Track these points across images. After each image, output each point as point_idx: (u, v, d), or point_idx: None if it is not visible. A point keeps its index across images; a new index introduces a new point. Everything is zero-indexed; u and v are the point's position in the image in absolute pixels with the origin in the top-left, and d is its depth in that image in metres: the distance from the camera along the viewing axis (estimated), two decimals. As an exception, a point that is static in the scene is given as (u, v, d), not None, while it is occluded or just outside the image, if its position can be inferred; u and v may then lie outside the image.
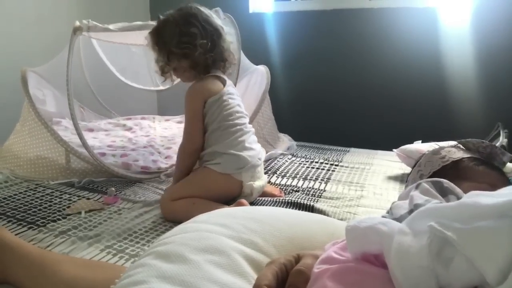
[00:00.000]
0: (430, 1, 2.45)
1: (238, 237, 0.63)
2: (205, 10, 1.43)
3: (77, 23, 1.63)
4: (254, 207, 0.76)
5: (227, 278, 0.55)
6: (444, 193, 0.60)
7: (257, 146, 1.46)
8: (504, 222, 0.41)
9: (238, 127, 1.40)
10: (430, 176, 0.70)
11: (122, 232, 1.18)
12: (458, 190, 0.59)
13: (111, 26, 1.70)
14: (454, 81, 2.44)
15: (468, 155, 0.70)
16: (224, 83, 1.43)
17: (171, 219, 1.26)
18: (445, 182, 0.60)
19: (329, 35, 2.76)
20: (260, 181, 1.41)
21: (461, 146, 0.74)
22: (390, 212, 0.62)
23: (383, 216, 0.64)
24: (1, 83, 2.23)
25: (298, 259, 0.55)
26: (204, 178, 1.36)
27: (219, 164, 1.35)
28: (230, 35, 1.47)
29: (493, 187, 0.60)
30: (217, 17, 1.47)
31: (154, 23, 1.79)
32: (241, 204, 1.25)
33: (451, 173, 0.67)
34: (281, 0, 2.96)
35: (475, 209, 0.43)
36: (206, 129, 1.40)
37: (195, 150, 1.40)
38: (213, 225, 0.66)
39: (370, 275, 0.47)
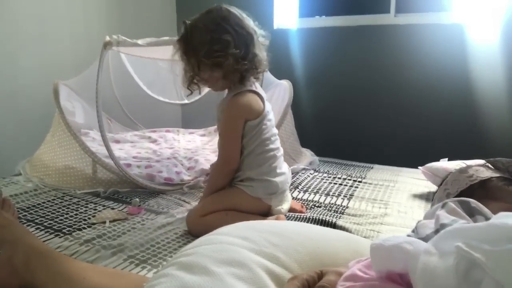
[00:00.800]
0: (457, 18, 2.42)
1: (260, 250, 0.63)
2: (236, 11, 1.30)
3: (107, 38, 1.69)
4: (277, 221, 0.76)
5: (249, 291, 0.55)
6: (472, 213, 0.58)
7: (286, 169, 1.43)
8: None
9: (272, 153, 1.35)
10: (457, 195, 0.68)
11: (145, 243, 1.20)
12: (486, 210, 0.58)
13: (139, 41, 1.75)
14: (483, 99, 2.39)
15: (497, 175, 0.68)
16: (262, 100, 1.36)
17: (200, 234, 1.25)
18: (473, 202, 0.59)
19: (353, 52, 2.76)
20: (287, 204, 1.41)
21: (490, 166, 0.72)
22: (415, 231, 0.61)
23: (408, 235, 0.63)
24: (36, 96, 2.33)
25: (321, 275, 0.55)
26: (234, 197, 1.33)
27: (251, 187, 1.32)
28: (262, 37, 1.36)
29: (524, 208, 0.59)
30: (249, 18, 1.33)
31: (180, 38, 1.85)
32: (280, 219, 1.25)
33: (479, 193, 0.65)
34: (305, 17, 2.99)
35: (505, 230, 0.42)
36: (242, 151, 1.34)
37: (232, 171, 1.34)
38: (236, 237, 0.66)
39: (395, 294, 0.46)
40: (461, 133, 2.45)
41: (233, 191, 1.35)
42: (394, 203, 1.59)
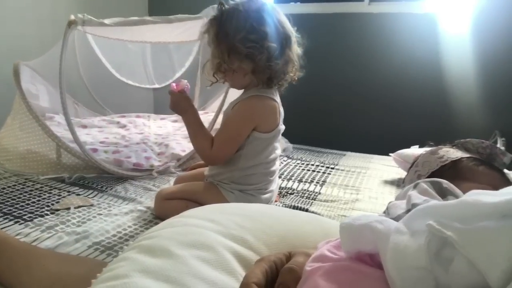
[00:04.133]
0: (430, 7, 2.44)
1: (227, 233, 0.61)
2: (278, 9, 1.21)
3: (72, 17, 1.60)
4: (246, 204, 0.74)
5: (214, 274, 0.52)
6: (443, 194, 0.57)
7: (275, 186, 1.33)
8: (507, 223, 0.39)
9: (271, 175, 1.27)
10: (429, 177, 0.67)
11: (111, 229, 1.15)
12: (458, 191, 0.57)
13: (106, 21, 1.67)
14: (453, 87, 2.44)
15: (468, 155, 0.68)
16: (279, 113, 1.26)
17: (163, 217, 1.23)
18: (445, 182, 0.58)
19: (327, 39, 2.74)
20: None
21: (460, 147, 0.72)
22: (386, 212, 0.60)
23: (379, 216, 0.62)
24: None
25: (289, 257, 0.53)
26: (207, 194, 1.24)
27: (232, 194, 1.24)
28: (299, 45, 1.26)
29: (494, 187, 0.58)
30: (287, 20, 1.23)
31: (151, 18, 1.78)
32: None
33: (450, 173, 0.65)
34: (281, 3, 2.95)
35: (476, 208, 0.40)
36: (239, 155, 1.23)
37: (214, 164, 1.27)
38: (202, 220, 0.63)
39: (365, 275, 0.44)
40: (432, 121, 2.49)
41: (209, 188, 1.26)
42: (365, 189, 1.59)
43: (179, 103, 1.24)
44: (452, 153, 0.68)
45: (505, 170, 0.73)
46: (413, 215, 0.45)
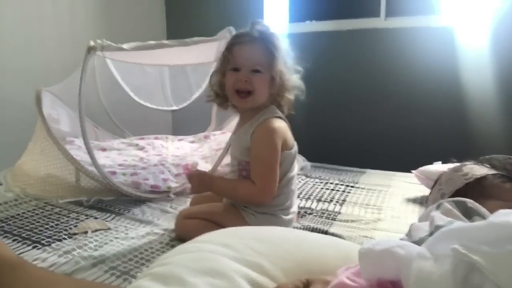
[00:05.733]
0: (447, 21, 2.41)
1: (242, 259, 0.59)
2: None
3: (92, 43, 1.64)
4: (263, 227, 0.71)
5: (228, 303, 0.50)
6: (469, 214, 0.54)
7: (296, 207, 1.31)
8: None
9: (294, 194, 1.26)
10: (452, 195, 0.64)
11: (128, 253, 1.14)
12: (483, 210, 0.54)
13: (125, 46, 1.70)
14: (473, 101, 2.38)
15: (493, 172, 0.64)
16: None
17: (183, 236, 1.20)
18: (469, 201, 0.55)
19: (344, 56, 2.74)
20: None
21: (485, 163, 0.68)
22: (409, 234, 0.57)
23: (401, 239, 0.59)
24: (20, 103, 2.27)
25: (307, 284, 0.51)
26: (226, 216, 1.21)
27: (253, 216, 1.20)
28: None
29: (524, 207, 0.55)
30: None
31: (167, 42, 1.81)
32: None
33: (475, 192, 0.61)
34: (296, 22, 2.97)
35: (506, 229, 0.37)
36: None
37: (269, 200, 1.17)
38: (216, 245, 0.62)
39: (386, 304, 0.42)
40: (452, 136, 2.43)
41: (230, 210, 1.23)
42: (388, 207, 1.54)
43: (201, 182, 1.23)
44: (477, 170, 0.65)
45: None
46: (436, 238, 0.42)
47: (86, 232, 1.28)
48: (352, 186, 1.82)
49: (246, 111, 1.24)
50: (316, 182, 1.88)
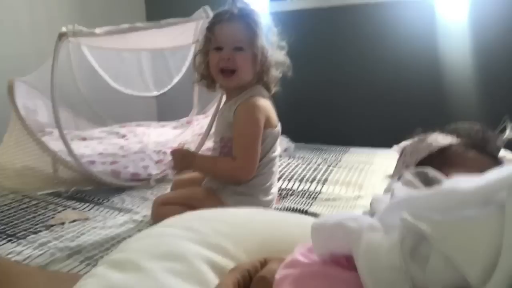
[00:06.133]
0: (428, -6, 2.38)
1: (204, 241, 0.57)
2: None
3: (64, 29, 1.60)
4: (230, 209, 0.70)
5: (185, 287, 0.49)
6: (430, 184, 0.53)
7: (276, 188, 1.30)
8: (489, 210, 0.35)
9: (275, 175, 1.26)
10: (416, 166, 0.63)
11: (105, 242, 1.13)
12: (445, 179, 0.52)
13: (97, 30, 1.66)
14: (454, 75, 2.37)
15: (458, 141, 0.63)
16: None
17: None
18: (431, 171, 0.53)
19: (325, 33, 2.70)
20: None
21: (451, 133, 0.67)
22: (371, 207, 0.56)
23: (363, 212, 0.58)
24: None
25: (264, 264, 0.49)
26: (205, 201, 1.17)
27: (232, 198, 1.18)
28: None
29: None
30: None
31: (141, 24, 1.76)
32: None
33: (439, 161, 0.60)
34: (277, 0, 2.91)
35: (454, 195, 0.36)
36: None
37: (249, 176, 1.17)
38: (179, 228, 0.60)
39: (338, 280, 0.40)
40: (435, 110, 2.42)
41: (208, 194, 1.22)
42: (369, 185, 1.54)
43: (183, 158, 1.22)
44: (441, 139, 0.64)
45: (504, 152, 0.68)
46: (388, 209, 0.41)
47: (63, 223, 1.26)
48: (334, 165, 1.81)
49: (233, 91, 1.24)
50: (299, 163, 1.87)
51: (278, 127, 1.25)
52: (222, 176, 1.22)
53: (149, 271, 0.50)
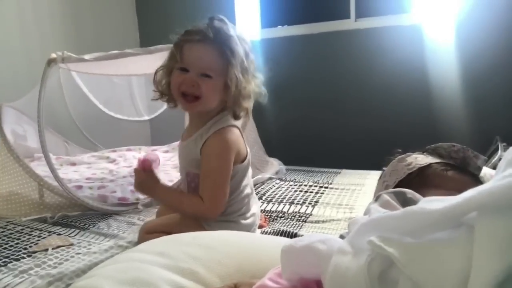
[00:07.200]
0: (415, 18, 2.42)
1: (175, 266, 0.55)
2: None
3: (53, 55, 1.60)
4: (206, 232, 0.67)
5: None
6: (408, 204, 0.51)
7: (256, 208, 1.23)
8: (459, 233, 0.33)
9: (247, 197, 1.17)
10: (396, 186, 0.62)
11: (88, 268, 1.09)
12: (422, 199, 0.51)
13: (86, 56, 1.66)
14: (444, 98, 2.40)
15: (438, 160, 0.62)
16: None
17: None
18: (409, 192, 0.52)
19: (316, 59, 2.73)
20: None
21: (431, 153, 0.66)
22: (348, 230, 0.54)
23: (341, 235, 0.56)
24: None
25: (234, 289, 0.47)
26: (186, 228, 1.01)
27: (212, 225, 1.10)
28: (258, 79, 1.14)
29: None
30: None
31: (131, 50, 1.77)
32: None
33: (418, 181, 0.59)
34: (268, 28, 2.95)
35: (424, 216, 0.34)
36: None
37: (217, 214, 1.09)
38: (150, 254, 0.58)
39: (306, 306, 0.38)
40: (426, 132, 2.43)
41: (188, 220, 1.13)
42: (360, 206, 1.52)
43: (144, 182, 1.11)
44: (421, 159, 0.63)
45: (487, 169, 0.67)
46: (358, 231, 0.39)
47: (46, 250, 1.23)
48: (326, 187, 1.79)
49: (195, 115, 1.14)
50: (290, 185, 1.85)
51: (248, 157, 1.16)
52: (187, 214, 1.13)
53: (114, 298, 0.47)
